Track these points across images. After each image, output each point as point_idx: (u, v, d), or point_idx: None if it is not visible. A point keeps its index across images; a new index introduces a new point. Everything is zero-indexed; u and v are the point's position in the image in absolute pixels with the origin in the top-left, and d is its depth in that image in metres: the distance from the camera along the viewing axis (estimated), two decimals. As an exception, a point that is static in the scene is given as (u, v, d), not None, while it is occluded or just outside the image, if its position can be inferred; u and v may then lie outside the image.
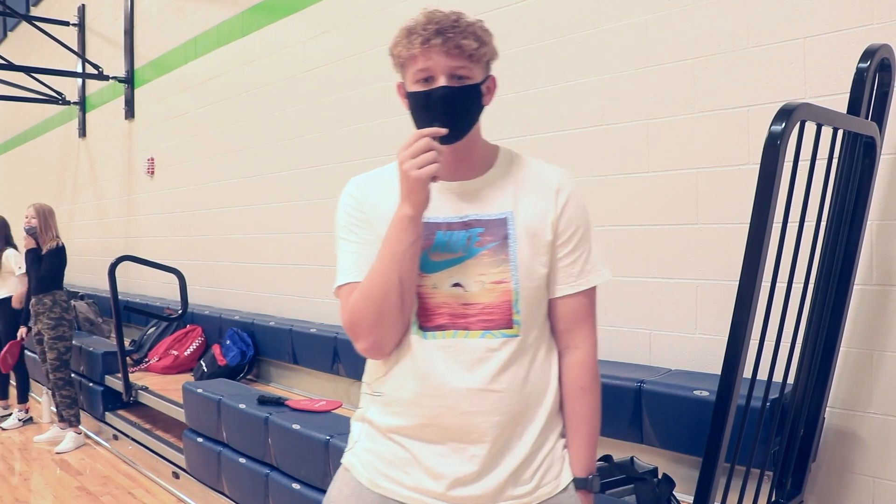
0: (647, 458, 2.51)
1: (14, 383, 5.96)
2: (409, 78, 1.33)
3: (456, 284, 1.31)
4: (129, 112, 7.01)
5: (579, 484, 1.38)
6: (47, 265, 5.04)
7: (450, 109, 1.28)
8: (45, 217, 5.10)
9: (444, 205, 1.34)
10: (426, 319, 1.31)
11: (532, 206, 1.35)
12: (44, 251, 5.04)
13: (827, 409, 2.26)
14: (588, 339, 1.40)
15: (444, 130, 1.26)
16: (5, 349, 5.44)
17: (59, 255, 5.09)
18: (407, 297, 1.28)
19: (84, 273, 7.73)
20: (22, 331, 5.40)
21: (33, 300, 5.14)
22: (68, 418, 5.12)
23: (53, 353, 5.05)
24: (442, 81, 1.28)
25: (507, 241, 1.32)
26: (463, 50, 1.27)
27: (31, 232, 5.04)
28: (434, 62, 1.28)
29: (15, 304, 5.64)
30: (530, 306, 1.33)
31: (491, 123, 3.70)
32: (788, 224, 1.74)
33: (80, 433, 5.13)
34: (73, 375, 5.19)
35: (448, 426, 1.30)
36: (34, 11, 9.40)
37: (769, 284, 1.76)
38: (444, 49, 1.27)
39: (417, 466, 1.32)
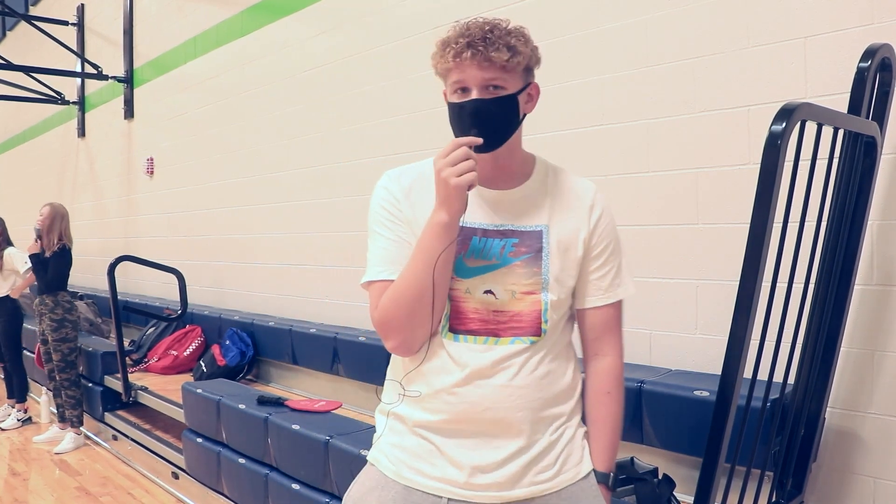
0: (648, 458, 2.51)
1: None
2: (448, 88, 1.36)
3: (488, 291, 1.35)
4: (129, 112, 7.00)
5: (600, 478, 1.43)
6: (54, 267, 5.03)
7: (483, 121, 1.31)
8: (53, 219, 5.07)
9: (481, 212, 1.38)
10: (458, 322, 1.35)
11: (566, 222, 1.40)
12: (47, 254, 5.03)
13: (827, 409, 2.25)
14: (615, 347, 1.46)
15: (479, 140, 1.29)
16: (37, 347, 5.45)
17: (63, 256, 5.07)
18: (439, 300, 1.31)
19: (83, 273, 7.71)
20: None
21: (36, 301, 5.14)
22: (70, 419, 5.12)
23: (58, 355, 5.06)
24: (475, 93, 1.31)
25: (540, 255, 1.37)
26: (493, 62, 1.29)
27: (36, 232, 5.04)
28: (467, 75, 1.31)
29: (14, 294, 5.66)
30: (557, 316, 1.38)
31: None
32: (789, 224, 1.74)
33: (79, 434, 5.12)
34: (80, 377, 5.20)
35: (475, 422, 1.34)
36: (33, 11, 9.39)
37: (769, 284, 1.76)
38: (475, 62, 1.29)
39: (442, 457, 1.36)
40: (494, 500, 1.35)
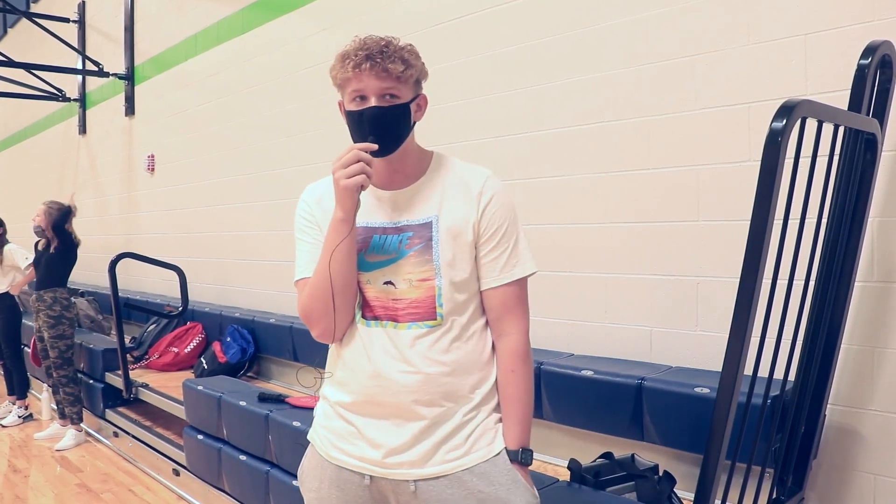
0: (648, 455, 2.51)
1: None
2: (346, 97, 1.48)
3: (387, 282, 1.49)
4: (130, 109, 7.00)
5: (511, 455, 1.51)
6: (45, 260, 5.04)
7: (380, 126, 1.43)
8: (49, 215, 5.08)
9: (381, 212, 1.52)
10: (367, 310, 1.51)
11: (456, 210, 1.50)
12: (40, 248, 5.05)
13: (828, 406, 2.25)
14: (517, 325, 1.53)
15: (374, 146, 1.42)
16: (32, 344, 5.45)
17: (57, 252, 5.06)
18: (344, 289, 1.46)
19: (84, 270, 7.70)
20: None
21: (34, 296, 5.15)
22: (70, 415, 5.12)
23: (55, 352, 5.06)
24: (373, 101, 1.43)
25: (430, 243, 1.48)
26: (390, 73, 1.41)
27: (36, 230, 5.04)
28: (365, 84, 1.43)
29: (13, 291, 5.67)
30: (453, 300, 1.48)
31: (494, 122, 3.70)
32: (789, 221, 1.74)
33: (80, 430, 5.13)
34: (77, 373, 5.20)
35: (384, 404, 1.48)
36: (34, 8, 9.39)
37: (770, 281, 1.75)
38: (373, 72, 1.41)
39: (361, 438, 1.51)
40: (408, 476, 1.48)
